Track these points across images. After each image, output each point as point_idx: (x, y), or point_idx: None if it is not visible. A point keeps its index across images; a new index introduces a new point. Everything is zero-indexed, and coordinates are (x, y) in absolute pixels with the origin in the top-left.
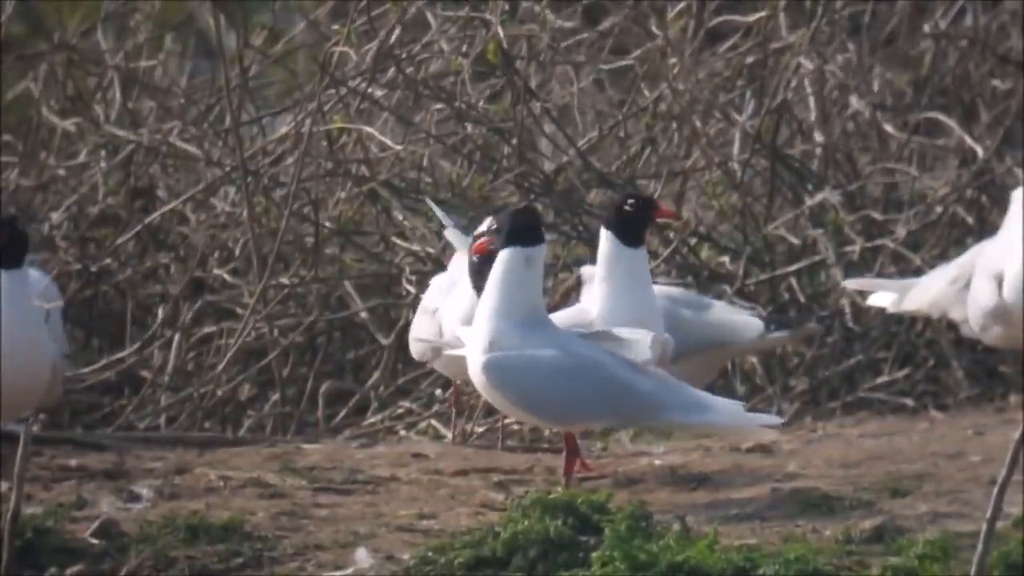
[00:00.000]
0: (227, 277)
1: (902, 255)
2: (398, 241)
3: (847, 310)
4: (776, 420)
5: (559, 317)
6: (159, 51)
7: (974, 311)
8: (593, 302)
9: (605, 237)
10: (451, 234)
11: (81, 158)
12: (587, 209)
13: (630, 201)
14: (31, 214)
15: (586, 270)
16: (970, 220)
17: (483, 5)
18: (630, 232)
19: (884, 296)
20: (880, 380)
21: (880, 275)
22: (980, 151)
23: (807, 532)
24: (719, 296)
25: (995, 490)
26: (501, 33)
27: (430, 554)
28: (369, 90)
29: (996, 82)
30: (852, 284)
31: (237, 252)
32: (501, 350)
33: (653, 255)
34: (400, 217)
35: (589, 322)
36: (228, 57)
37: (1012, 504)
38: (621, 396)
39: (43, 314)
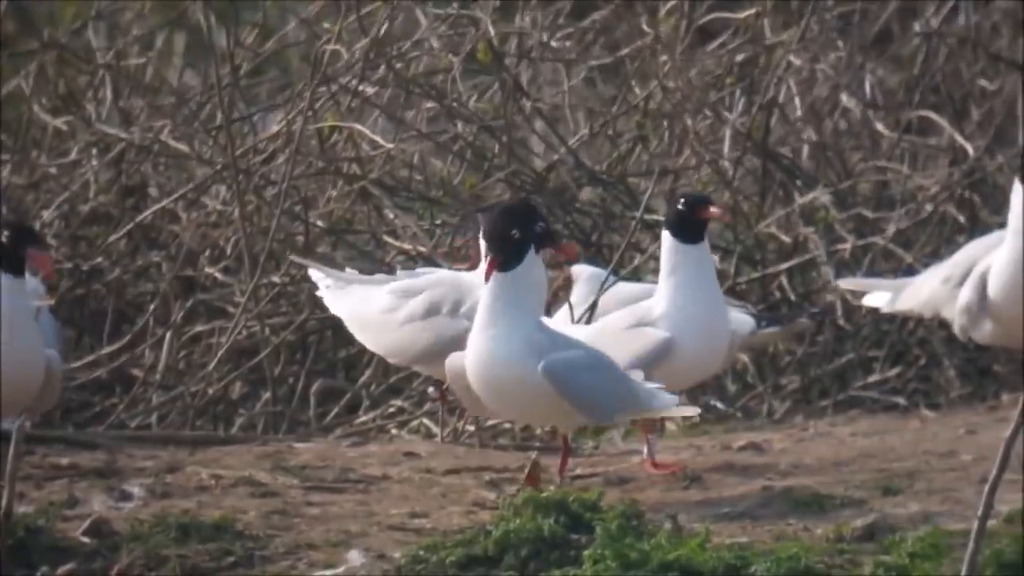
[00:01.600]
0: (218, 275)
1: (893, 253)
2: (389, 240)
3: (838, 308)
4: (694, 411)
5: (622, 316)
6: (150, 50)
7: (960, 306)
8: (658, 300)
9: (665, 237)
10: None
11: (72, 156)
12: (578, 207)
13: (682, 200)
14: (22, 212)
15: (576, 269)
16: (961, 218)
17: (472, 3)
18: (686, 230)
19: (878, 296)
20: (872, 379)
21: (871, 273)
22: (971, 150)
23: (798, 530)
24: None
25: (986, 488)
26: (491, 31)
27: (422, 553)
28: (360, 88)
29: (985, 82)
30: (845, 284)
31: (228, 250)
32: (546, 353)
33: (641, 252)
34: (391, 215)
35: (652, 321)
36: (219, 55)
37: (1003, 502)
38: (629, 390)
39: (35, 311)
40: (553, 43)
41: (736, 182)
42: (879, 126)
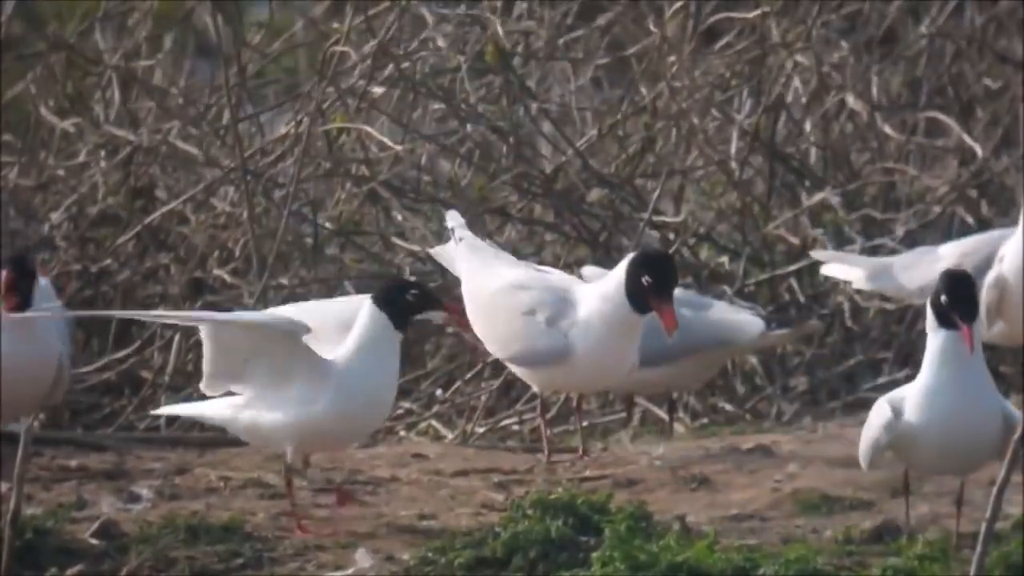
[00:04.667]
0: (227, 277)
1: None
2: (398, 241)
3: (846, 309)
4: None
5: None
6: (158, 51)
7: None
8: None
9: None
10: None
11: (80, 158)
12: (586, 209)
13: (645, 278)
14: (31, 214)
15: (587, 270)
16: (969, 219)
17: (479, 3)
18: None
19: (849, 271)
20: (880, 380)
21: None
22: (979, 150)
23: (807, 532)
24: (719, 296)
25: (994, 490)
26: (500, 31)
27: (430, 554)
28: (368, 88)
29: (990, 81)
30: (817, 255)
31: (237, 252)
32: None
33: None
34: (400, 217)
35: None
36: (226, 56)
37: (1011, 504)
38: None
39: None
40: (560, 42)
41: (743, 183)
42: (886, 128)
